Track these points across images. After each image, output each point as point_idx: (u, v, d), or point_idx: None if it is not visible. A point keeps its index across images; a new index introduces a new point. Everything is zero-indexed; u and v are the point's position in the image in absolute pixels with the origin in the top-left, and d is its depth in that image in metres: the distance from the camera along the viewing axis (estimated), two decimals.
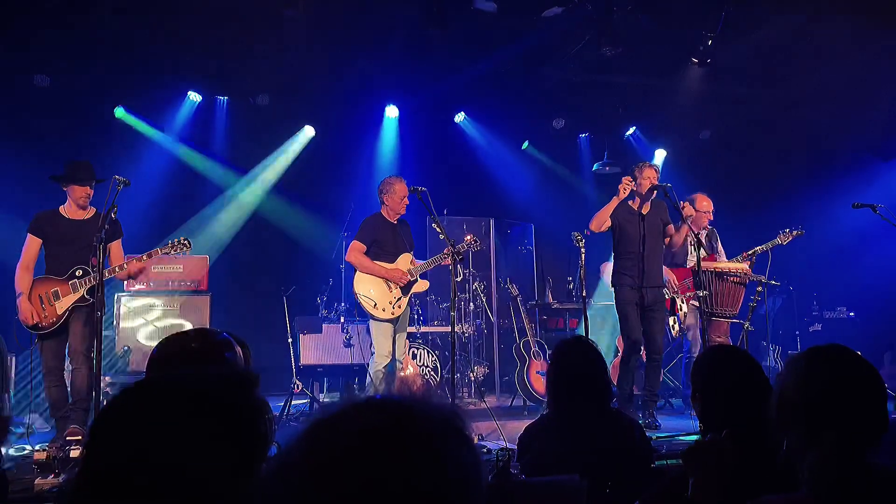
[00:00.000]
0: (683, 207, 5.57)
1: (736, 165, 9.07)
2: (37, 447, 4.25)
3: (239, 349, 1.81)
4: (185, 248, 5.13)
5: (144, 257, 5.05)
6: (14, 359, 5.89)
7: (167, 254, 5.11)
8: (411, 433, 0.78)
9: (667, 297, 5.93)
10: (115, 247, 5.13)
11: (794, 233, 6.19)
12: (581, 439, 2.60)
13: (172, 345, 1.77)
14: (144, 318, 6.47)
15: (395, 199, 5.70)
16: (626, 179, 5.62)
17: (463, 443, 0.82)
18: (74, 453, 4.08)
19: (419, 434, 0.78)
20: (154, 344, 1.83)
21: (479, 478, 0.82)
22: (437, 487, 0.76)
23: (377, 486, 0.73)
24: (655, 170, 5.80)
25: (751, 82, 8.23)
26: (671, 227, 5.88)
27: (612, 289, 5.86)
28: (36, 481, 3.67)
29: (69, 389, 4.94)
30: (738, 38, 7.25)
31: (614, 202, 5.70)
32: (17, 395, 5.84)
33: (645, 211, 5.78)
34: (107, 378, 5.86)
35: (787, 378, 1.48)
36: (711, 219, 6.38)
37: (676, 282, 6.16)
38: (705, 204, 6.28)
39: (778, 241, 6.17)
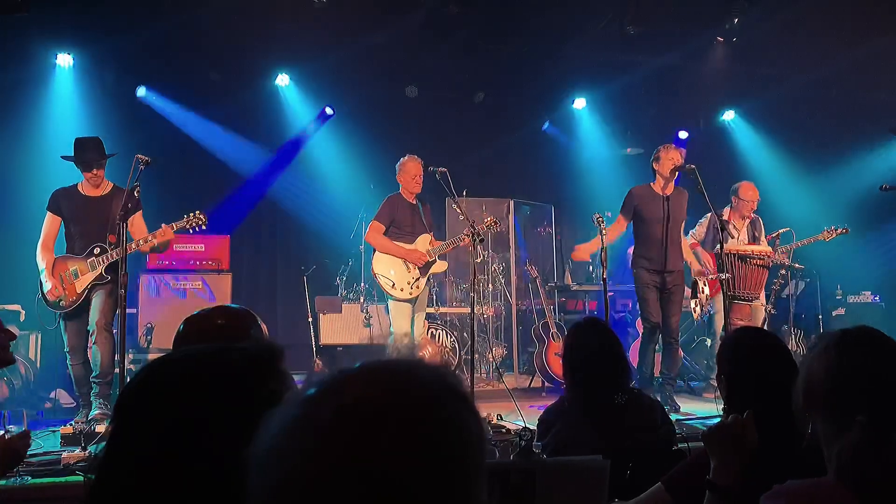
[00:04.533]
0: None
1: (760, 146, 8.93)
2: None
3: (263, 325, 1.83)
4: (200, 223, 5.02)
5: (159, 233, 4.94)
6: (39, 336, 5.99)
7: (183, 227, 5.01)
8: (404, 401, 0.70)
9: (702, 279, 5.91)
10: (137, 220, 5.06)
11: (839, 230, 6.11)
12: (602, 420, 2.59)
13: (199, 322, 1.78)
14: (166, 297, 6.54)
15: (408, 178, 5.70)
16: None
17: (463, 406, 0.74)
18: (100, 428, 4.16)
19: (410, 401, 0.71)
20: (176, 323, 1.84)
21: (481, 443, 0.74)
22: (437, 458, 0.68)
23: (369, 465, 0.66)
24: (679, 151, 5.73)
25: (776, 62, 8.07)
26: (682, 225, 5.84)
27: (632, 271, 5.85)
28: (63, 455, 3.74)
29: (92, 364, 4.99)
30: (765, 16, 7.11)
31: (595, 242, 5.59)
32: (43, 371, 5.95)
33: (668, 192, 5.72)
34: (130, 355, 5.94)
35: (816, 360, 1.45)
36: (755, 208, 6.28)
37: (711, 264, 6.07)
38: (750, 193, 6.18)
39: (821, 237, 6.10)
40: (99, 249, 4.95)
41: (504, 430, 4.42)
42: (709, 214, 6.06)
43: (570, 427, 2.62)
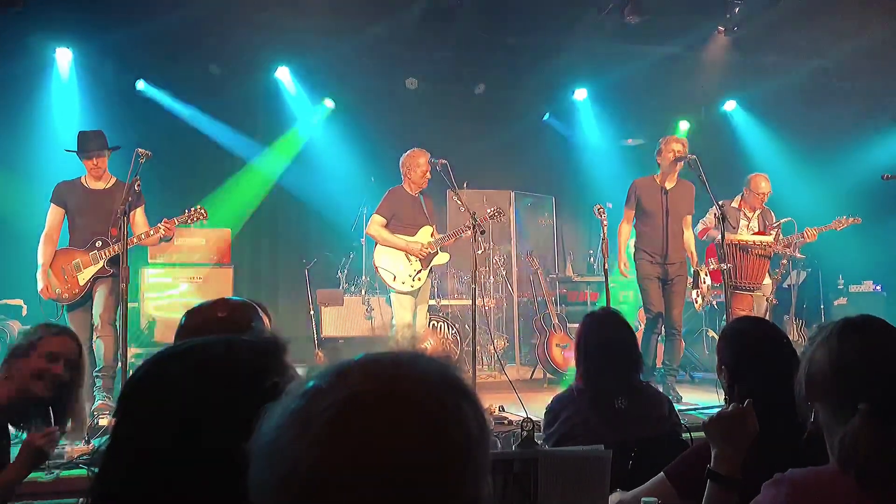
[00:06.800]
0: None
1: (761, 137, 8.91)
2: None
3: (265, 317, 1.83)
4: (201, 218, 5.06)
5: (161, 228, 4.98)
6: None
7: (184, 222, 5.07)
8: (400, 394, 0.70)
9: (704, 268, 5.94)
10: (139, 215, 5.11)
11: (851, 220, 6.10)
12: (610, 410, 2.60)
13: (200, 314, 1.78)
14: (168, 291, 6.55)
15: (418, 173, 5.67)
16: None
17: (464, 398, 0.74)
18: (103, 422, 4.17)
19: (409, 394, 0.71)
20: (178, 316, 1.84)
21: (483, 435, 0.74)
22: (436, 450, 0.68)
23: (369, 458, 0.66)
24: (682, 143, 5.71)
25: (777, 52, 8.04)
26: (688, 219, 5.83)
27: (633, 262, 5.84)
28: (66, 448, 3.75)
29: (96, 358, 4.99)
30: (765, 6, 7.08)
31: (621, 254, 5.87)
32: None
33: (669, 185, 5.72)
34: (132, 349, 5.94)
35: (818, 349, 1.45)
36: (766, 200, 6.23)
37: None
38: (762, 185, 6.14)
39: (833, 226, 6.09)
40: (101, 242, 4.97)
41: (506, 421, 4.43)
42: (720, 202, 6.05)
43: (578, 416, 2.62)
